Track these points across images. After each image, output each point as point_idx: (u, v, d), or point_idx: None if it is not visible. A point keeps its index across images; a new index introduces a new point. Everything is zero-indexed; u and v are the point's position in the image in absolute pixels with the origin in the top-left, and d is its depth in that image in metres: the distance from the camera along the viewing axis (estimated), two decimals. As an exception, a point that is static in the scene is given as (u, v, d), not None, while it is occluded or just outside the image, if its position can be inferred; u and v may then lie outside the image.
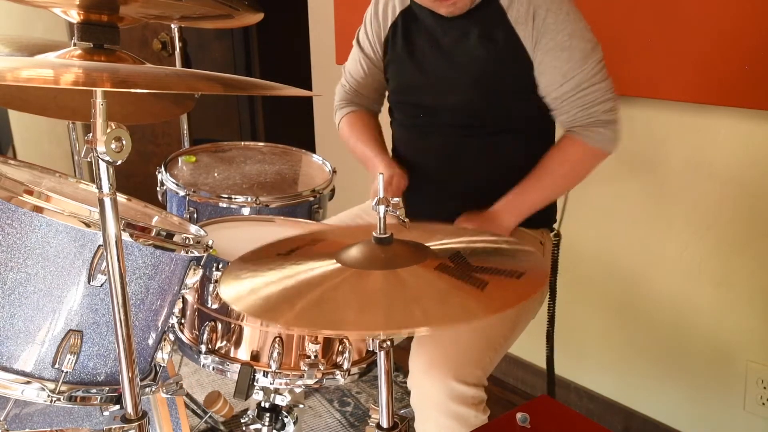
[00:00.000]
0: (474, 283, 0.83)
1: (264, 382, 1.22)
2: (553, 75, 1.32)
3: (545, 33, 1.30)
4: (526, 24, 1.31)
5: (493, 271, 0.87)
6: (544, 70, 1.33)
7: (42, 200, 0.99)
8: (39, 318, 1.02)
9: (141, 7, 1.20)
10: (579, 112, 1.34)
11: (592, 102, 1.33)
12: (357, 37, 1.58)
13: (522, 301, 0.80)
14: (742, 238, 1.67)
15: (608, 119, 1.34)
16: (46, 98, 1.29)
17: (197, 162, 1.85)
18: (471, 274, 0.85)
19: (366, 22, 1.55)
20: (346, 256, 0.91)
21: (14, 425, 1.35)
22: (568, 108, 1.35)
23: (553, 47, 1.30)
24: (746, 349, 1.71)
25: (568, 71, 1.31)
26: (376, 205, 0.92)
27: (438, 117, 1.44)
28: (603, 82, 1.33)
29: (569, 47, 1.30)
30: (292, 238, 1.07)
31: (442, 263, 0.88)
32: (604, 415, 2.05)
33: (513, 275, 0.86)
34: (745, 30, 1.53)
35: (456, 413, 1.23)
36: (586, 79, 1.32)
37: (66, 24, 3.31)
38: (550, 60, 1.31)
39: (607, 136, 1.35)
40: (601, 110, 1.34)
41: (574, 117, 1.35)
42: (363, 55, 1.57)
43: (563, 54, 1.30)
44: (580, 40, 1.31)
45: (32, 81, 0.84)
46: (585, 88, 1.32)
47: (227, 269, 0.97)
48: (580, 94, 1.33)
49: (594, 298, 2.01)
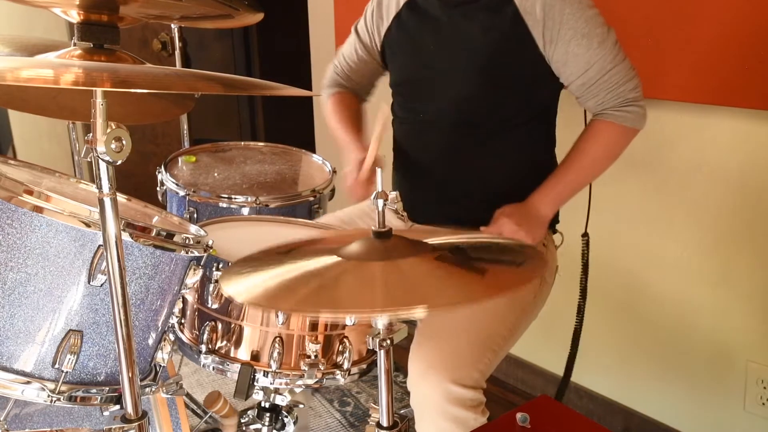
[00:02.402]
0: (474, 269, 0.84)
1: (264, 382, 1.22)
2: (577, 63, 1.33)
3: (565, 23, 1.31)
4: (538, 14, 1.31)
5: (493, 260, 0.87)
6: (567, 60, 1.33)
7: (42, 200, 0.99)
8: (39, 318, 1.02)
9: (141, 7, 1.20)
10: (607, 95, 1.36)
11: (618, 82, 1.34)
12: (356, 26, 1.59)
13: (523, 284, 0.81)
14: (742, 238, 1.67)
15: (635, 96, 1.36)
16: (46, 98, 1.29)
17: (197, 162, 1.85)
18: (471, 263, 0.85)
19: (367, 13, 1.56)
20: (345, 251, 0.91)
21: (14, 425, 1.35)
22: (596, 92, 1.36)
23: (574, 35, 1.31)
24: (746, 349, 1.71)
25: (591, 57, 1.32)
26: (375, 199, 0.92)
27: (439, 112, 1.43)
28: (623, 62, 1.35)
29: (588, 34, 1.31)
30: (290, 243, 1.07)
31: (441, 254, 0.88)
32: (604, 415, 2.05)
33: (512, 264, 0.87)
34: (745, 30, 1.52)
35: (454, 416, 1.23)
36: (609, 61, 1.33)
37: (66, 24, 3.31)
38: (573, 48, 1.32)
39: (637, 113, 1.36)
40: (628, 89, 1.35)
41: (603, 100, 1.36)
42: (360, 44, 1.58)
43: (584, 41, 1.31)
44: (596, 25, 1.32)
45: (32, 81, 0.84)
46: (609, 70, 1.33)
47: (226, 270, 0.97)
48: (606, 77, 1.34)
49: (594, 298, 2.01)
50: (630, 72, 1.35)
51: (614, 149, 1.40)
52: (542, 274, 1.13)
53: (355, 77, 1.63)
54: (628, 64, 1.35)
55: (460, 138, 1.43)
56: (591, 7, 1.32)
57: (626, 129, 1.38)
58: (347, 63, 1.62)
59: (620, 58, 1.34)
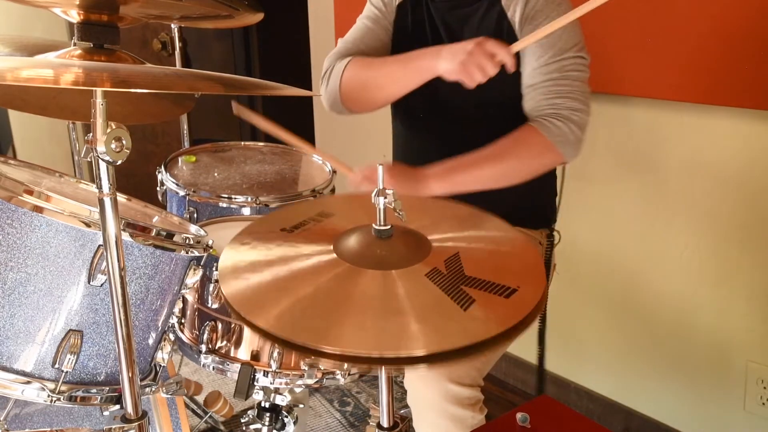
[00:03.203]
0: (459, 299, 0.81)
1: (264, 381, 1.22)
2: (531, 60, 1.29)
3: (537, 14, 1.28)
4: (519, 8, 1.30)
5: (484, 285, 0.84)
6: (526, 52, 1.30)
7: (42, 200, 0.99)
8: (39, 318, 1.02)
9: (141, 7, 1.20)
10: (543, 101, 1.29)
11: (558, 93, 1.28)
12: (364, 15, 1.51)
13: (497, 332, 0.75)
14: (742, 238, 1.67)
15: (569, 116, 1.27)
16: (46, 98, 1.29)
17: (197, 162, 1.85)
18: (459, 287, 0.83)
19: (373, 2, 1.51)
20: (343, 246, 0.90)
21: (14, 425, 1.35)
22: (533, 95, 1.30)
23: (544, 23, 1.25)
24: (746, 349, 1.71)
25: (547, 59, 1.28)
26: (376, 196, 0.91)
27: (435, 110, 1.43)
28: (577, 81, 1.28)
29: (552, 35, 1.24)
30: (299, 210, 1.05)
31: (435, 268, 0.87)
32: (604, 415, 2.05)
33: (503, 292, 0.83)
34: (744, 30, 1.52)
35: (452, 414, 1.23)
36: (559, 70, 1.27)
37: (66, 24, 3.30)
38: (532, 46, 1.27)
39: (563, 132, 1.27)
40: (564, 104, 1.28)
41: (536, 105, 1.30)
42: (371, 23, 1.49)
43: (544, 41, 1.26)
44: (564, 32, 1.27)
45: (32, 81, 0.84)
46: (555, 78, 1.28)
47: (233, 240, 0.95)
48: (549, 83, 1.28)
49: (594, 298, 2.01)
50: (576, 93, 1.28)
51: (527, 156, 1.29)
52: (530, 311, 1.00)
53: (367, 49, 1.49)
54: (580, 87, 1.28)
55: (457, 136, 1.42)
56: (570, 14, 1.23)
57: (548, 144, 1.27)
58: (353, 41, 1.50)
59: (574, 76, 1.28)
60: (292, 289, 0.84)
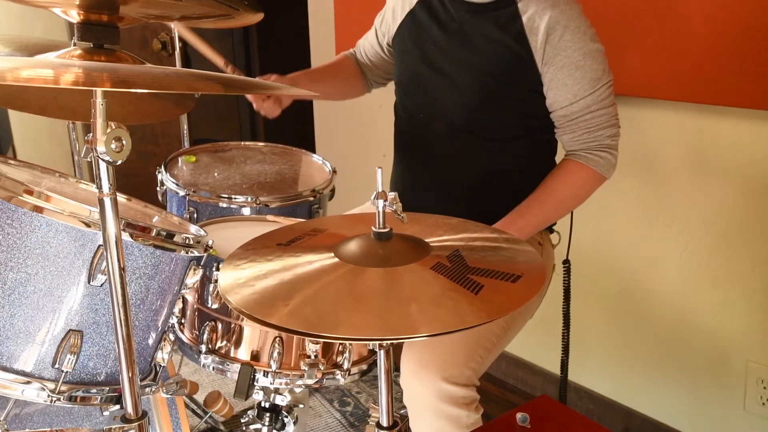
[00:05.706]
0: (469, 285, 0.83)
1: (264, 382, 1.22)
2: (564, 93, 1.32)
3: (561, 50, 1.30)
4: (540, 36, 1.30)
5: (490, 273, 0.86)
6: (555, 86, 1.32)
7: (42, 200, 0.99)
8: (39, 318, 1.02)
9: (141, 7, 1.20)
10: (585, 134, 1.35)
11: (599, 125, 1.34)
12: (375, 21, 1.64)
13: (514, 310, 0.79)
14: (742, 238, 1.67)
15: (611, 144, 1.35)
16: (46, 98, 1.29)
17: (197, 162, 1.85)
18: (467, 276, 0.85)
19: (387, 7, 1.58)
20: (344, 251, 0.91)
21: (14, 425, 1.35)
22: (573, 128, 1.35)
23: (567, 65, 1.30)
24: (746, 349, 1.71)
25: (579, 91, 1.31)
26: (375, 199, 0.92)
27: (437, 114, 1.43)
28: (611, 107, 1.34)
29: (582, 67, 1.30)
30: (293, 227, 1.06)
31: (439, 263, 0.88)
32: (604, 415, 2.05)
33: (509, 278, 0.85)
34: (745, 30, 1.52)
35: (447, 413, 1.23)
36: (596, 102, 1.32)
37: (66, 24, 3.31)
38: (563, 77, 1.31)
39: (609, 161, 1.36)
40: (606, 135, 1.34)
41: (579, 138, 1.35)
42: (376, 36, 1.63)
43: (576, 73, 1.30)
44: (594, 62, 1.30)
45: (32, 81, 0.84)
46: (594, 110, 1.32)
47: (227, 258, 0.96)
48: (588, 116, 1.33)
49: (594, 298, 2.01)
50: (613, 119, 1.34)
51: (581, 192, 1.39)
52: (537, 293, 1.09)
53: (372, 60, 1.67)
54: (614, 111, 1.34)
55: (457, 141, 1.43)
56: (594, 41, 1.31)
57: (596, 174, 1.36)
58: (365, 52, 1.67)
59: (608, 102, 1.33)
60: (300, 290, 0.84)
